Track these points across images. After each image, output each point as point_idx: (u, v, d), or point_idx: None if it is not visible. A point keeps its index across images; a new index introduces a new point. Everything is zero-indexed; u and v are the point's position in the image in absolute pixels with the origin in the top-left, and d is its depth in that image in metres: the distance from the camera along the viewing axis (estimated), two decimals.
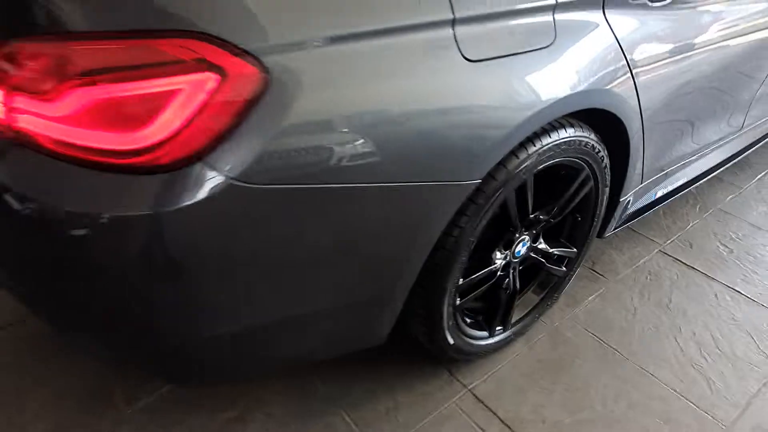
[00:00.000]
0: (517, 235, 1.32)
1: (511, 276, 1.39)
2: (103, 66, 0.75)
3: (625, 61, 1.21)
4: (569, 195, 1.35)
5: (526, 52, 1.03)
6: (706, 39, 1.44)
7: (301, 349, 1.14)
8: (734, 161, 2.13)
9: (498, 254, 1.32)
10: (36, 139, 0.81)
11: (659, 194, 1.79)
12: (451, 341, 1.30)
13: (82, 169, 0.80)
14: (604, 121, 1.28)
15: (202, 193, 0.79)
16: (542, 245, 1.44)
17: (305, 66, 0.82)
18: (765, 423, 1.34)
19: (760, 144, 2.29)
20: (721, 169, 2.06)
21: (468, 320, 1.37)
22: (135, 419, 1.31)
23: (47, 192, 0.82)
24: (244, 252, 0.88)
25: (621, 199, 1.54)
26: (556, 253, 1.47)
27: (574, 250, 1.51)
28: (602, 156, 1.33)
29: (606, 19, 1.16)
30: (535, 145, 1.13)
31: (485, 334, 1.41)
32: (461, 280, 1.22)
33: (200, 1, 0.76)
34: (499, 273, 1.35)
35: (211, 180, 0.79)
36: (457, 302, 1.26)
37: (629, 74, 1.23)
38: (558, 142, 1.17)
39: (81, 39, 0.75)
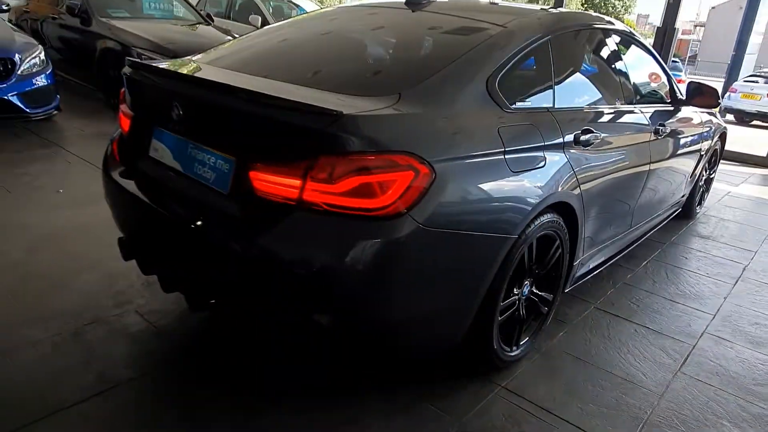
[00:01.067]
0: (525, 281, 2.15)
1: (521, 308, 2.18)
2: (364, 167, 1.53)
3: (576, 178, 2.18)
4: (549, 256, 2.22)
5: (534, 169, 1.95)
6: (612, 168, 2.49)
7: (420, 344, 1.82)
8: (627, 251, 3.18)
9: (515, 290, 2.12)
10: (317, 204, 1.54)
11: (591, 266, 2.73)
12: (495, 347, 2.03)
13: (344, 219, 1.53)
14: (565, 212, 2.21)
15: (407, 230, 1.56)
16: (535, 290, 2.27)
17: (450, 170, 1.65)
18: (679, 392, 2.18)
19: (640, 241, 3.40)
20: (620, 255, 3.09)
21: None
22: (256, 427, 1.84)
23: (322, 232, 1.54)
24: (419, 263, 1.62)
25: (574, 264, 2.44)
26: (543, 295, 2.30)
27: (552, 295, 2.35)
28: (565, 232, 2.24)
29: (565, 155, 2.14)
30: (537, 221, 2.01)
31: (509, 348, 2.16)
32: (502, 302, 2.00)
33: (410, 139, 1.60)
34: (516, 304, 2.14)
35: (410, 224, 1.56)
36: (499, 318, 2.02)
37: (578, 185, 2.20)
38: (547, 220, 2.06)
39: (356, 154, 1.53)
